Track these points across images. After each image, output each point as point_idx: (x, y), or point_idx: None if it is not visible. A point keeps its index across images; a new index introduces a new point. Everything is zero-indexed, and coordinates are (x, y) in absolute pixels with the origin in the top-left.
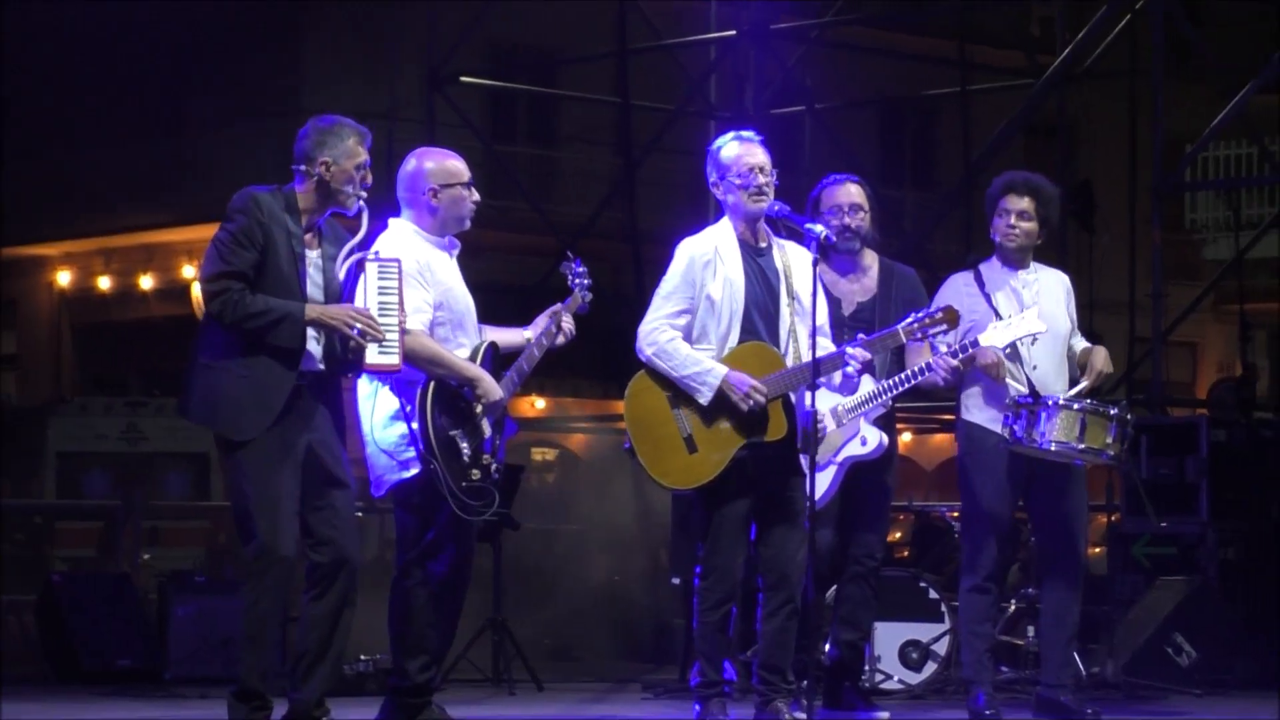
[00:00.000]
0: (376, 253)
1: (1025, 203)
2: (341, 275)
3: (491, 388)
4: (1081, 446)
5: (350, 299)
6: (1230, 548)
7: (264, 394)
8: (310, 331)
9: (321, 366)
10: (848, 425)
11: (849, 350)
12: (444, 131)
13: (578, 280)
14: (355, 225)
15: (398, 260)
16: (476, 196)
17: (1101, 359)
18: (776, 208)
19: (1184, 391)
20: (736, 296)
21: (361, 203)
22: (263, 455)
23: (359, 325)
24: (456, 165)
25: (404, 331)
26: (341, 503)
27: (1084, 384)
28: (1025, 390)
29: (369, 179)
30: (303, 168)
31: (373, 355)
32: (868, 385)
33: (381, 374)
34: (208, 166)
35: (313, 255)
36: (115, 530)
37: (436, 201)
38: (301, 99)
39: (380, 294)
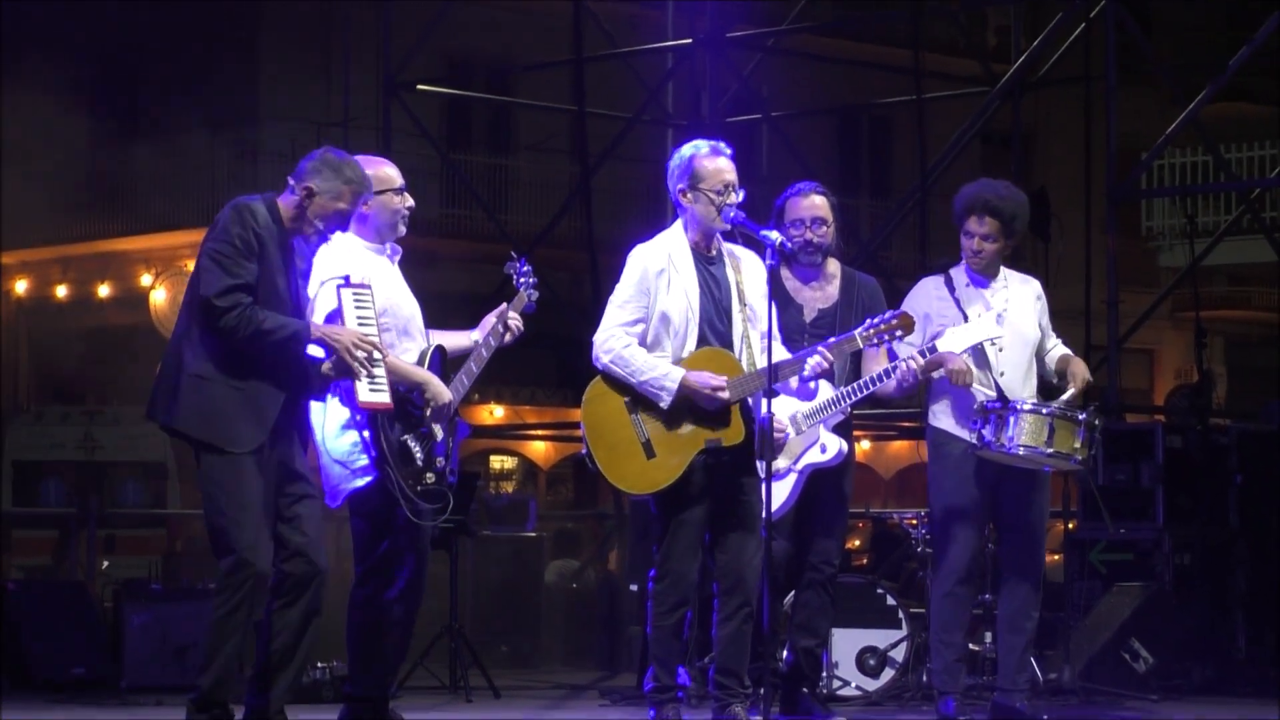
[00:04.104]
0: (347, 278)
1: (988, 225)
2: (317, 300)
3: (440, 390)
4: (1050, 451)
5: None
6: (1186, 553)
7: (259, 409)
8: None
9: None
10: (807, 432)
11: (808, 357)
12: (400, 140)
13: (523, 280)
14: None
15: (369, 286)
16: (410, 202)
17: (1082, 369)
18: (734, 214)
19: (1142, 398)
20: (691, 305)
21: (320, 238)
22: (239, 467)
23: (361, 353)
24: (388, 171)
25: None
26: (311, 513)
27: (1070, 392)
28: (994, 396)
29: (340, 225)
30: (292, 183)
31: (364, 393)
32: (827, 391)
33: (372, 411)
34: (164, 176)
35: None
36: (71, 539)
37: (369, 209)
38: (258, 108)
39: (361, 325)
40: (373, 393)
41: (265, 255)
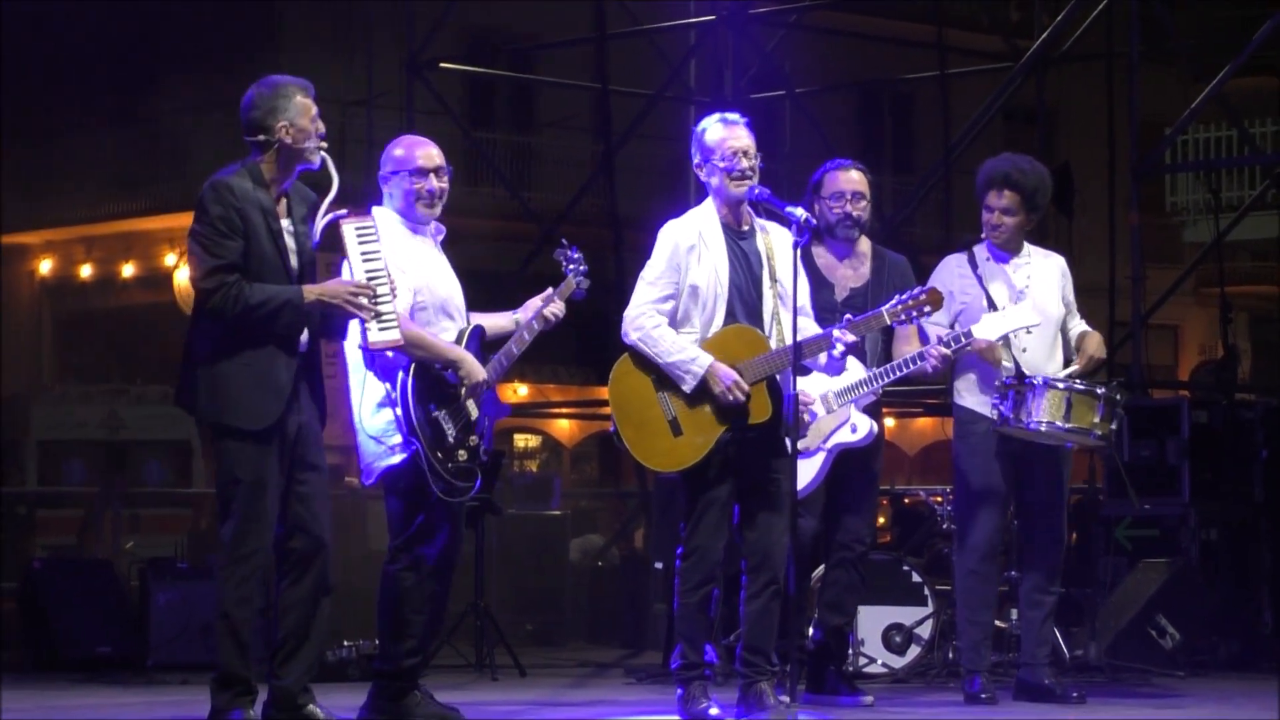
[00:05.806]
0: (349, 211)
1: (1007, 199)
2: (318, 236)
3: (475, 368)
4: (1069, 426)
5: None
6: (1212, 529)
7: (271, 382)
8: None
9: (306, 346)
10: (838, 411)
11: (835, 332)
12: (423, 118)
13: (572, 267)
14: (325, 180)
15: (372, 219)
16: (444, 184)
17: (1094, 344)
18: (757, 191)
19: (1167, 374)
20: (720, 281)
21: (323, 152)
22: (256, 444)
23: (362, 299)
24: (428, 151)
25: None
26: (318, 487)
27: (1074, 367)
28: (1013, 373)
29: (323, 127)
30: (261, 138)
31: (374, 333)
32: (858, 371)
33: (382, 351)
34: (187, 155)
35: (285, 224)
36: (96, 518)
37: (409, 186)
38: None
39: (365, 260)
40: (383, 332)
41: (250, 227)
